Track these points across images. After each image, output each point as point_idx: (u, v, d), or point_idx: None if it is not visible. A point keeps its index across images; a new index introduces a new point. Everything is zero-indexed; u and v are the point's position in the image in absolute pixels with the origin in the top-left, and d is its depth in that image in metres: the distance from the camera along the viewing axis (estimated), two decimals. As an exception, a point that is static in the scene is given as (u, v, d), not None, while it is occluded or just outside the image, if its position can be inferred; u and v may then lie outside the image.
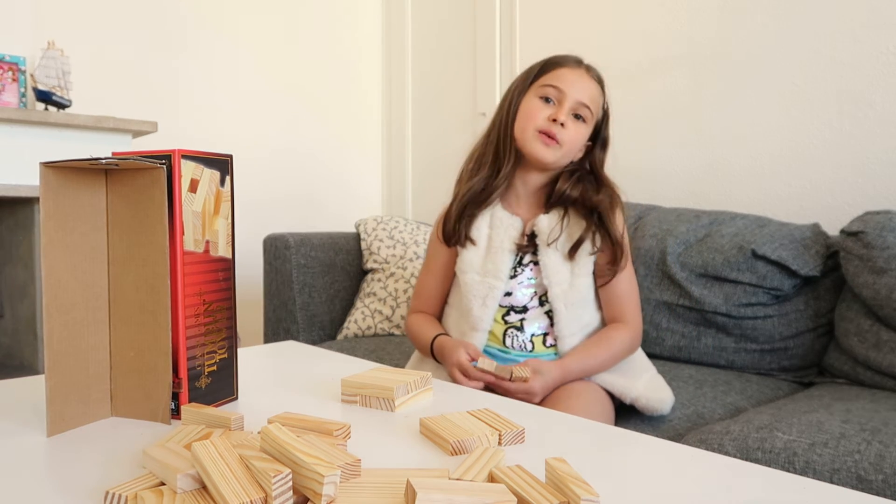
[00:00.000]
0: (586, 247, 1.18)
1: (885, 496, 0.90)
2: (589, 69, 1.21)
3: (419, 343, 1.28)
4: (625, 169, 2.13)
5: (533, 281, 1.22)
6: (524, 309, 1.22)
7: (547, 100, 1.18)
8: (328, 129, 2.95)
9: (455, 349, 1.15)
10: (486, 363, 1.12)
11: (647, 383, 1.21)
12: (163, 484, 0.52)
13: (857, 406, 1.15)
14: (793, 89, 1.77)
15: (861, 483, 0.93)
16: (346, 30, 2.99)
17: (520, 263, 1.22)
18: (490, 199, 1.22)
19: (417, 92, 2.92)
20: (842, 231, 1.45)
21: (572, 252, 1.18)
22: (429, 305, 1.32)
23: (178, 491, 0.50)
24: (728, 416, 1.29)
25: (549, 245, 1.19)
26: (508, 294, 1.22)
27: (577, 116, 1.18)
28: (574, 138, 1.18)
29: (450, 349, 1.17)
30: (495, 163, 1.22)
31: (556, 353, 1.21)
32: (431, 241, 1.33)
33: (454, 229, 1.23)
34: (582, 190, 1.20)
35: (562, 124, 1.15)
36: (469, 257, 1.22)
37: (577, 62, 1.21)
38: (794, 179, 1.77)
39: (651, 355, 1.66)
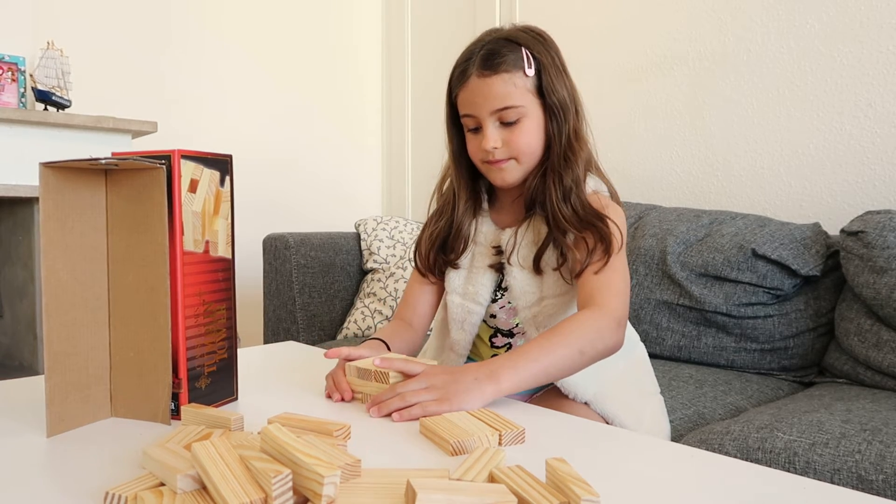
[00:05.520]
0: (549, 259, 1.01)
1: (885, 496, 0.90)
2: (485, 62, 0.98)
3: None
4: (625, 169, 2.14)
5: (512, 304, 1.07)
6: (510, 333, 1.09)
7: (474, 129, 1.03)
8: (328, 129, 2.95)
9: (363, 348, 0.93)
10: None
11: (648, 424, 1.04)
12: (163, 484, 0.52)
13: (858, 406, 1.15)
14: (793, 89, 1.77)
15: (862, 483, 0.93)
16: (346, 30, 2.99)
17: (499, 287, 1.08)
18: (459, 248, 1.09)
19: (417, 92, 2.92)
20: (842, 231, 1.45)
21: (536, 266, 1.02)
22: (405, 314, 1.16)
23: (178, 491, 0.50)
24: (728, 416, 1.29)
25: (508, 262, 1.04)
26: (494, 316, 1.10)
27: (508, 122, 0.99)
28: (521, 144, 1.00)
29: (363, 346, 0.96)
30: (454, 205, 1.10)
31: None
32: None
33: (428, 267, 1.12)
34: (542, 184, 1.02)
35: (495, 147, 0.99)
36: (452, 277, 1.11)
37: (471, 68, 1.00)
38: (794, 179, 1.77)
39: (651, 355, 1.65)
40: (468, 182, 1.10)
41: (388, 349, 1.01)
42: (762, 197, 1.83)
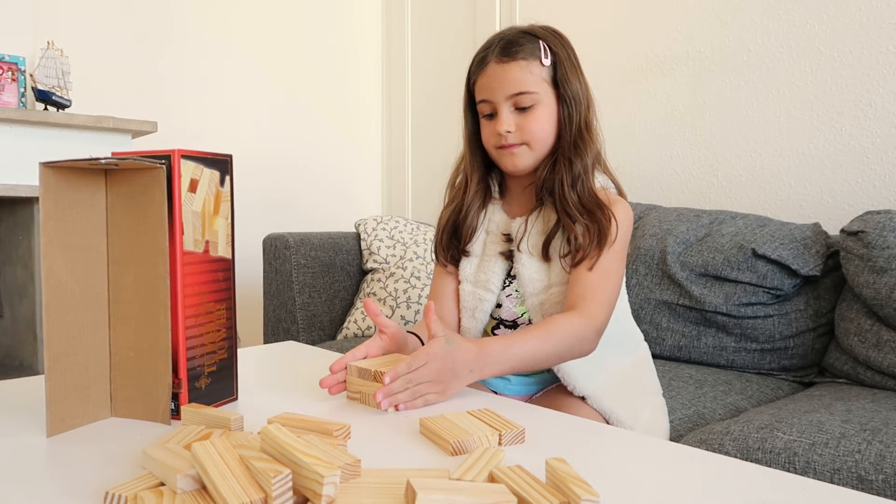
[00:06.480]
0: (557, 246, 1.03)
1: (885, 496, 0.90)
2: (504, 50, 1.03)
3: None
4: (625, 169, 2.14)
5: (519, 292, 1.09)
6: (514, 324, 1.11)
7: (489, 115, 1.06)
8: (328, 129, 2.95)
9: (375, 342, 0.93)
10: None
11: (647, 421, 1.06)
12: (163, 484, 0.52)
13: (858, 406, 1.15)
14: (793, 89, 1.77)
15: (862, 483, 0.93)
16: (346, 29, 2.99)
17: (509, 274, 1.11)
18: (470, 232, 1.12)
19: (417, 91, 2.92)
20: (842, 231, 1.45)
21: (545, 253, 1.04)
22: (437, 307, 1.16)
23: (178, 491, 0.50)
24: (728, 416, 1.29)
25: (518, 248, 1.07)
26: (500, 306, 1.11)
27: (522, 108, 1.03)
28: (534, 129, 1.03)
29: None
30: (465, 190, 1.13)
31: (548, 371, 1.08)
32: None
33: (444, 255, 1.15)
34: (552, 172, 1.05)
35: (508, 131, 1.03)
36: (464, 266, 1.13)
37: (490, 55, 1.04)
38: (794, 179, 1.77)
39: (651, 355, 1.66)
40: (480, 167, 1.13)
41: (422, 341, 1.02)
42: (762, 197, 1.83)
